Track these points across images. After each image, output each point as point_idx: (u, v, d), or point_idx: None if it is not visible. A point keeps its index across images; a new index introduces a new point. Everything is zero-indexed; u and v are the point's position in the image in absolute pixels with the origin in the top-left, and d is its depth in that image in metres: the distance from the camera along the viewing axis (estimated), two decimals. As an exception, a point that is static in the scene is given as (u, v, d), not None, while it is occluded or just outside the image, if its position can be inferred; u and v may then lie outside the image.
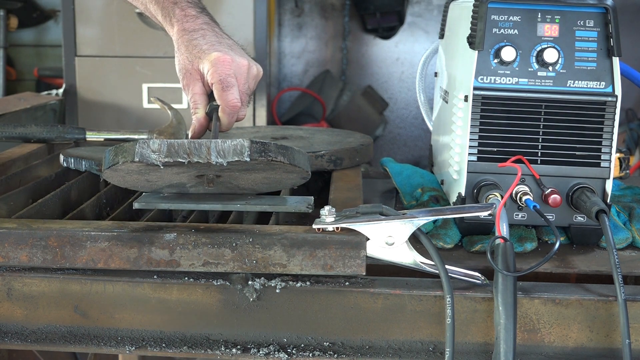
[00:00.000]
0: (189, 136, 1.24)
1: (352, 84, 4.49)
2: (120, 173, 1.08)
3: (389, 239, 1.03)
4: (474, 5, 1.19)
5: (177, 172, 1.07)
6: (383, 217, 1.02)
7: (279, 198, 1.18)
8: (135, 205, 1.14)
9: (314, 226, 1.03)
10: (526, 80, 1.17)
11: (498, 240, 1.03)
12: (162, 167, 1.03)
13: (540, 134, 1.17)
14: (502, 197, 1.12)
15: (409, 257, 1.03)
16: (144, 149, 1.02)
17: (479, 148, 1.18)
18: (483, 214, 1.06)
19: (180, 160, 1.01)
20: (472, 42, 1.18)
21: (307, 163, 1.12)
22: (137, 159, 1.01)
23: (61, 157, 1.41)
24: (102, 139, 1.55)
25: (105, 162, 1.07)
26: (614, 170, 1.21)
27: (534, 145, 1.17)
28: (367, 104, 4.39)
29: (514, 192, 1.17)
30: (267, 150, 1.03)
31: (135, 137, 1.53)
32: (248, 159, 1.01)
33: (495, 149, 1.18)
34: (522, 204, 1.16)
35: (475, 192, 1.18)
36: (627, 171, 1.36)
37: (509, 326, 0.97)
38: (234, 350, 1.05)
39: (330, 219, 1.03)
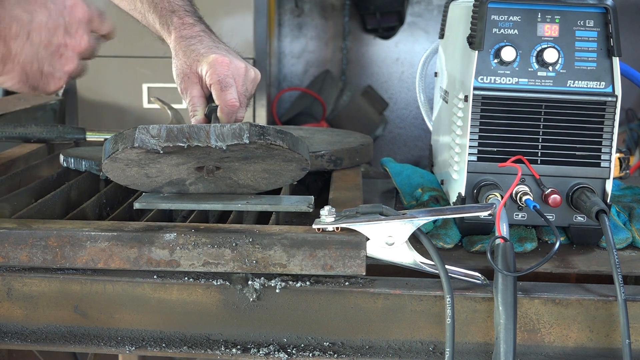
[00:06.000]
0: None
1: (352, 84, 4.49)
2: (120, 164, 1.08)
3: (389, 239, 1.02)
4: (474, 5, 1.19)
5: (176, 162, 1.07)
6: (383, 217, 1.02)
7: (280, 198, 1.18)
8: (136, 206, 1.14)
9: (314, 226, 1.03)
10: (526, 80, 1.17)
11: (498, 240, 1.03)
12: (161, 153, 1.03)
13: (540, 134, 1.17)
14: (502, 197, 1.12)
15: (409, 257, 1.03)
16: (144, 134, 1.02)
17: (479, 148, 1.18)
18: (483, 214, 1.06)
19: (179, 144, 1.02)
20: (472, 42, 1.18)
21: (306, 151, 1.12)
22: (137, 144, 1.02)
23: (61, 157, 1.41)
24: (102, 139, 1.55)
25: (105, 152, 1.07)
26: (614, 170, 1.21)
27: (534, 145, 1.17)
28: (367, 104, 4.38)
29: (514, 192, 1.17)
30: (266, 133, 1.03)
31: None
32: (247, 142, 1.01)
33: (495, 149, 1.18)
34: (522, 204, 1.16)
35: (475, 192, 1.18)
36: (627, 171, 1.36)
37: (509, 326, 0.97)
38: (234, 350, 1.05)
39: (330, 219, 1.03)
